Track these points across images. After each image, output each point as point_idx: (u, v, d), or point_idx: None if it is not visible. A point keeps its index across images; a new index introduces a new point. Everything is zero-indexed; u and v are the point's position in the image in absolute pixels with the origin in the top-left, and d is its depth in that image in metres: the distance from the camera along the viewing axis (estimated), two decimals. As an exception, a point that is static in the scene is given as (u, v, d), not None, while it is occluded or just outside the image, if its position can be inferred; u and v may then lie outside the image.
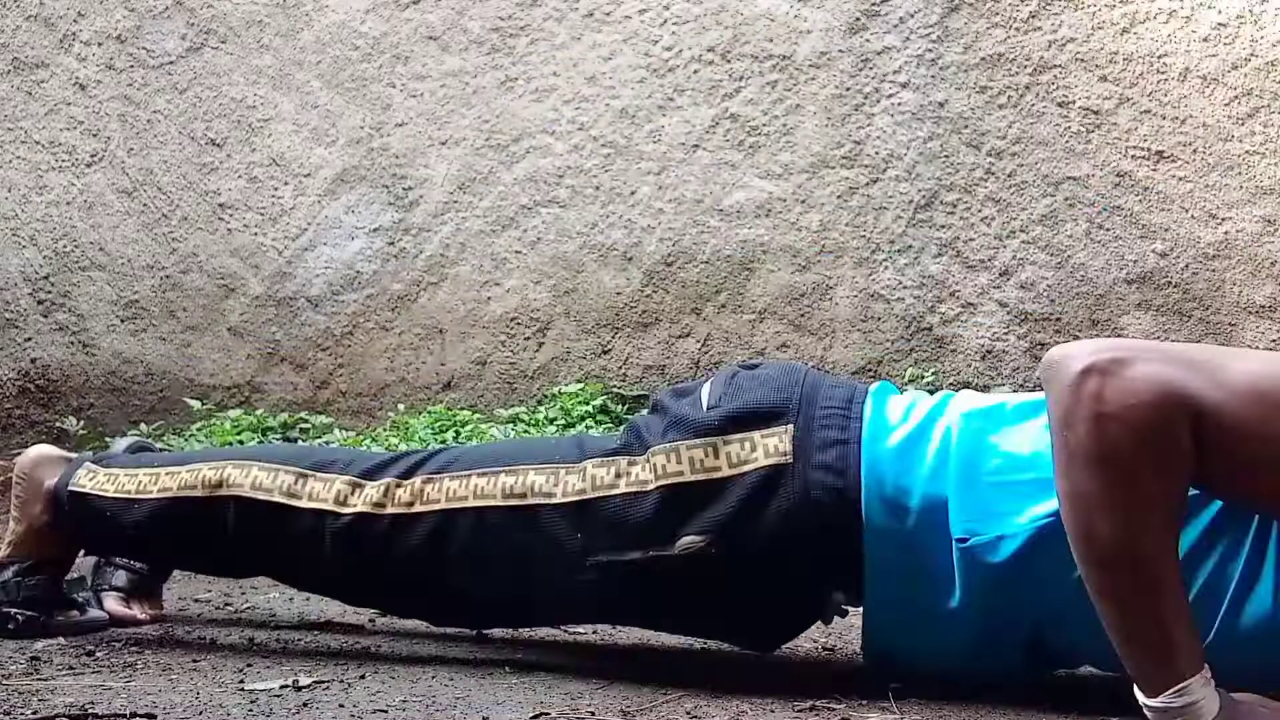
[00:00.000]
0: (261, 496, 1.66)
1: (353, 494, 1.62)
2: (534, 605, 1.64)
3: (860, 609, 1.51)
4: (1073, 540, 1.25)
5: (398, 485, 1.60)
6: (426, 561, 1.59)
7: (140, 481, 1.74)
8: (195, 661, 1.65)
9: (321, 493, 1.64)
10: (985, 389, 2.96)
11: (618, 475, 1.50)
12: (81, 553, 1.96)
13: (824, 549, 1.44)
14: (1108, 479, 1.20)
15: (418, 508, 1.58)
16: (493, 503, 1.55)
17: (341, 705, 1.42)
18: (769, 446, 1.45)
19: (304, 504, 1.64)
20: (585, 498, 1.51)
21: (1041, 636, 1.44)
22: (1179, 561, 1.23)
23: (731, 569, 1.46)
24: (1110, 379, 1.20)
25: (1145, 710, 1.24)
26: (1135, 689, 1.25)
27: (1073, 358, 1.22)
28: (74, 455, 1.85)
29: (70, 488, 1.76)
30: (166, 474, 1.73)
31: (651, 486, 1.48)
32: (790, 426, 1.45)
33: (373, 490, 1.61)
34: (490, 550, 1.56)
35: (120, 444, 1.98)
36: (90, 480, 1.77)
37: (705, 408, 1.50)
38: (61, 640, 1.75)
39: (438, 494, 1.58)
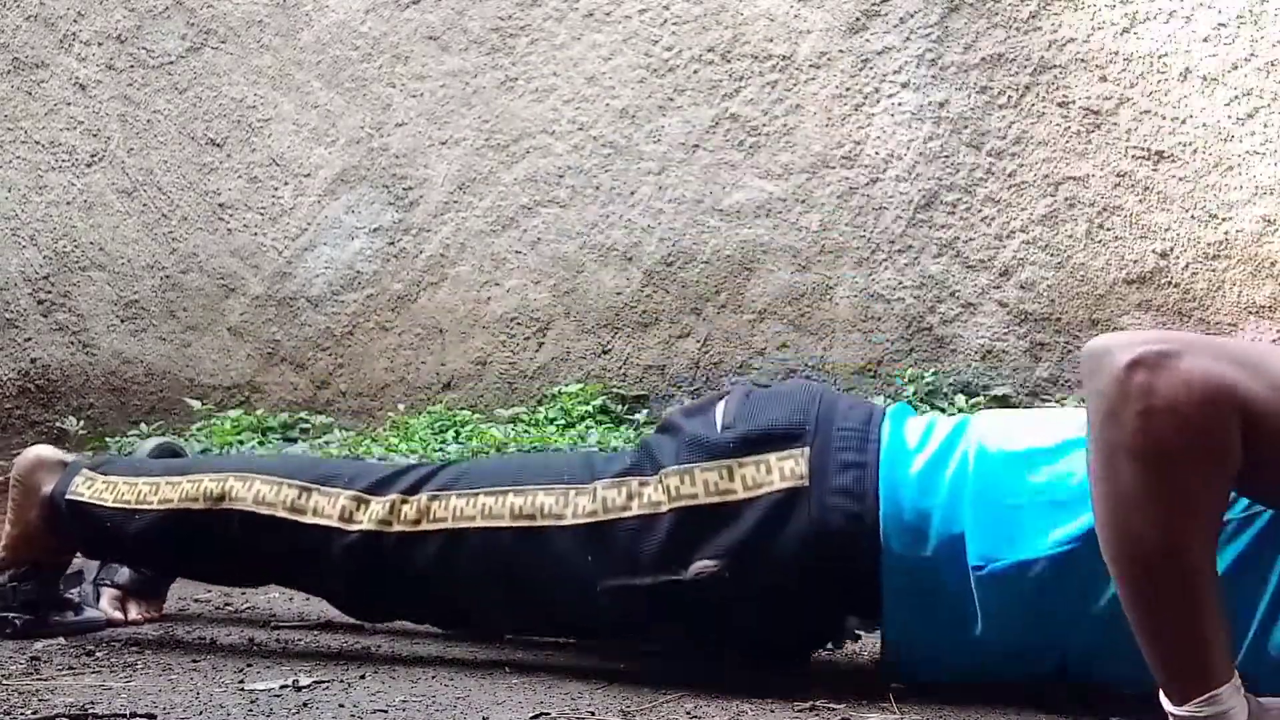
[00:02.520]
0: (265, 511, 1.64)
1: (358, 510, 1.60)
2: (543, 626, 1.64)
3: (875, 634, 1.49)
4: (1108, 539, 1.20)
5: (403, 502, 1.58)
6: (434, 581, 1.58)
7: (140, 491, 1.72)
8: (195, 661, 1.65)
9: (326, 508, 1.61)
10: (985, 389, 2.96)
11: (629, 497, 1.47)
12: None
13: (840, 575, 1.42)
14: (1153, 476, 1.14)
15: (424, 526, 1.56)
16: (501, 523, 1.53)
17: (341, 705, 1.42)
18: (785, 469, 1.42)
19: (308, 519, 1.62)
20: (596, 520, 1.48)
21: (1068, 665, 1.42)
22: (1216, 566, 1.19)
23: (745, 594, 1.43)
24: (1160, 372, 1.14)
25: (1171, 719, 1.19)
26: (1162, 696, 1.20)
27: (1119, 349, 1.16)
28: (71, 458, 1.83)
29: (68, 496, 1.75)
30: (167, 484, 1.71)
31: (664, 509, 1.45)
32: (807, 449, 1.42)
33: (378, 507, 1.59)
34: (498, 572, 1.54)
35: (146, 446, 1.97)
36: (89, 488, 1.75)
37: (720, 428, 1.48)
38: (61, 640, 1.75)
39: (444, 512, 1.56)
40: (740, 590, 1.43)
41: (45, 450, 1.85)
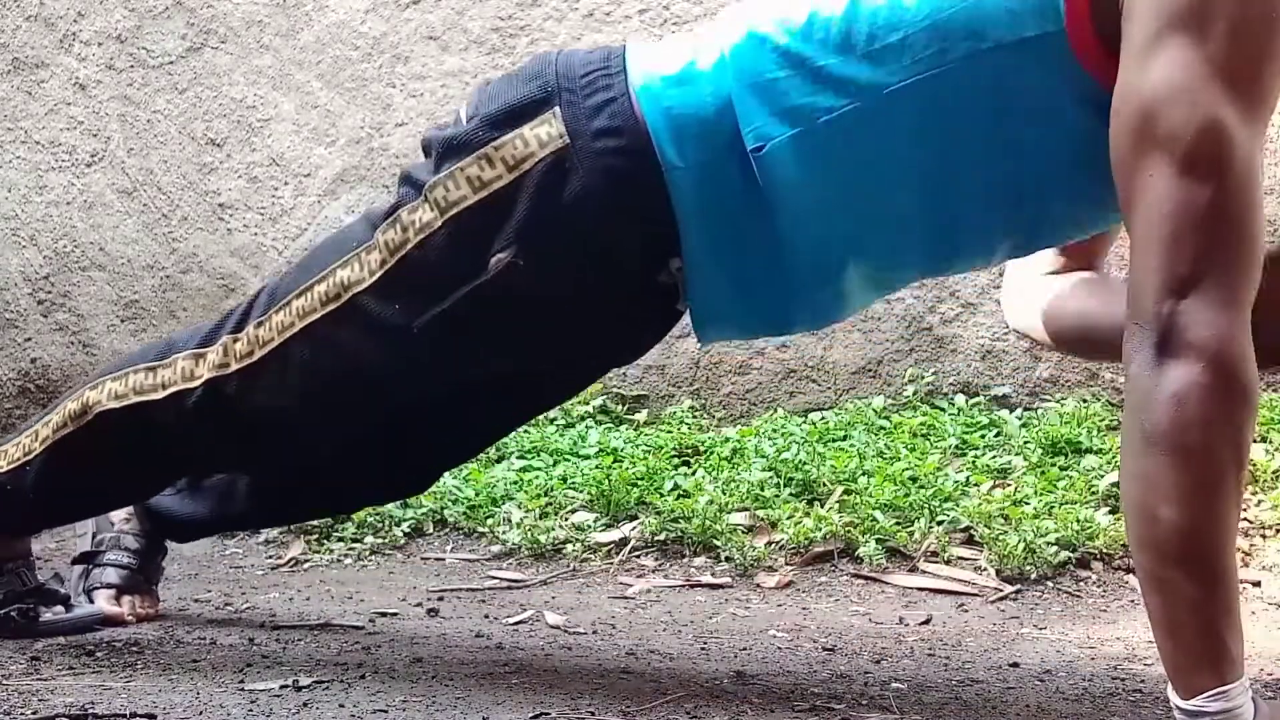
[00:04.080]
0: (119, 404, 1.63)
1: (197, 365, 1.59)
2: (394, 417, 1.58)
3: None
4: (1132, 522, 1.18)
5: (234, 340, 1.56)
6: (282, 400, 1.55)
7: (24, 444, 1.72)
8: (195, 661, 1.65)
9: (170, 377, 1.61)
10: (985, 389, 2.96)
11: (405, 229, 1.41)
12: (69, 562, 1.96)
13: (634, 216, 1.35)
14: (1182, 466, 1.13)
15: (257, 354, 1.54)
16: (315, 315, 1.48)
17: (341, 705, 1.42)
18: (541, 136, 1.35)
19: (160, 394, 1.61)
20: (387, 266, 1.42)
21: (870, 253, 1.37)
22: (1235, 559, 1.18)
23: (553, 275, 1.37)
24: (1187, 359, 1.12)
25: (1177, 712, 1.18)
26: (1169, 691, 1.19)
27: (1147, 333, 1.15)
28: None
29: None
30: (42, 425, 1.71)
31: (439, 224, 1.39)
32: (556, 108, 1.35)
33: (214, 354, 1.57)
34: (328, 361, 1.51)
35: None
36: None
37: (465, 122, 1.41)
38: (61, 640, 1.75)
39: (270, 333, 1.53)
40: (546, 272, 1.37)
41: None
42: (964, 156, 1.30)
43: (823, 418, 2.92)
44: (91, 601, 1.88)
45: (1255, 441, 2.55)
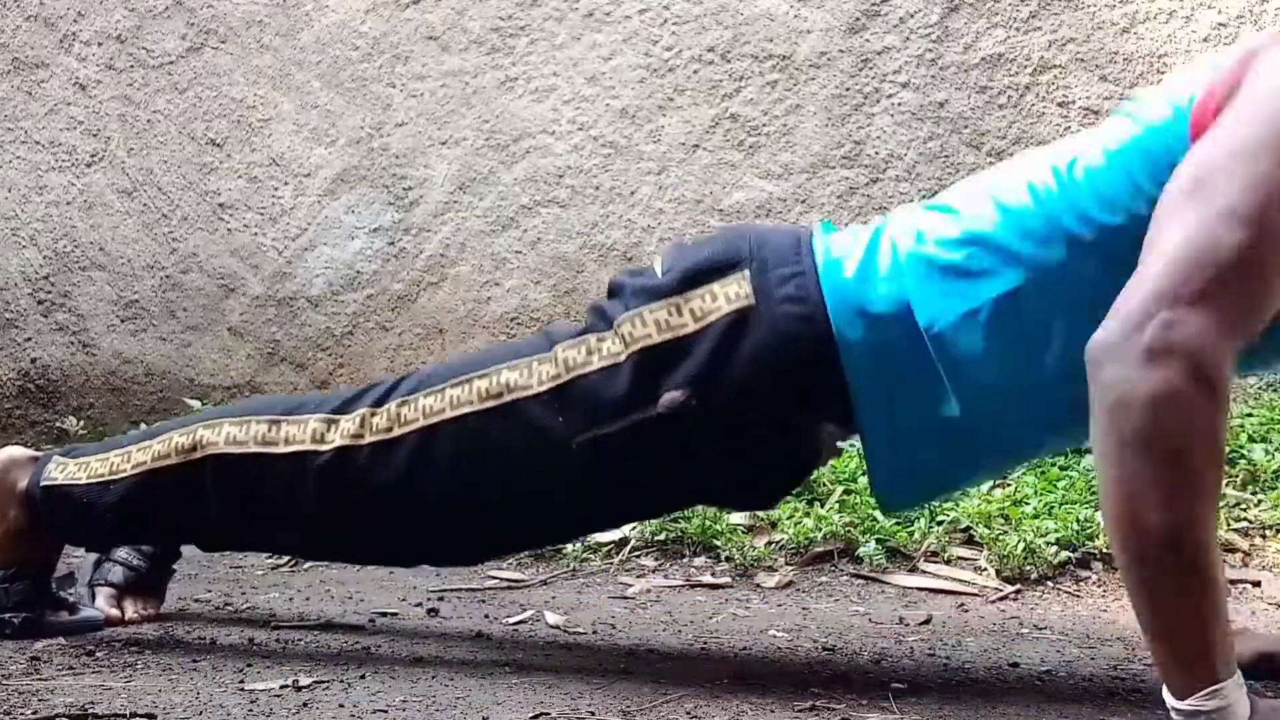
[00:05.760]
0: (236, 450, 1.63)
1: (329, 430, 1.59)
2: (527, 510, 1.60)
3: (853, 441, 1.50)
4: (1116, 529, 1.20)
5: (373, 414, 1.58)
6: (413, 482, 1.56)
7: (112, 463, 1.71)
8: (195, 661, 1.65)
9: (297, 435, 1.61)
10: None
11: (589, 353, 1.51)
12: (83, 550, 1.96)
13: (804, 380, 1.44)
14: (1162, 467, 1.15)
15: (396, 431, 1.56)
16: (470, 408, 1.53)
17: (341, 705, 1.42)
18: (729, 294, 1.46)
19: (281, 449, 1.61)
20: (560, 381, 1.51)
21: (1046, 434, 1.44)
22: (1219, 558, 1.19)
23: (717, 420, 1.46)
24: (1166, 361, 1.15)
25: (1173, 713, 1.19)
26: (1164, 691, 1.20)
27: (1124, 337, 1.18)
28: (42, 454, 1.83)
29: (42, 484, 1.75)
30: (138, 449, 1.70)
31: (624, 356, 1.48)
32: (746, 271, 1.47)
33: (348, 423, 1.58)
34: (475, 454, 1.54)
35: None
36: (61, 472, 1.74)
37: (660, 274, 1.52)
38: (61, 640, 1.75)
39: (414, 414, 1.56)
40: (711, 416, 1.45)
41: (16, 450, 1.84)
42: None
43: (823, 418, 2.91)
44: (94, 597, 1.88)
45: (1255, 441, 2.56)
